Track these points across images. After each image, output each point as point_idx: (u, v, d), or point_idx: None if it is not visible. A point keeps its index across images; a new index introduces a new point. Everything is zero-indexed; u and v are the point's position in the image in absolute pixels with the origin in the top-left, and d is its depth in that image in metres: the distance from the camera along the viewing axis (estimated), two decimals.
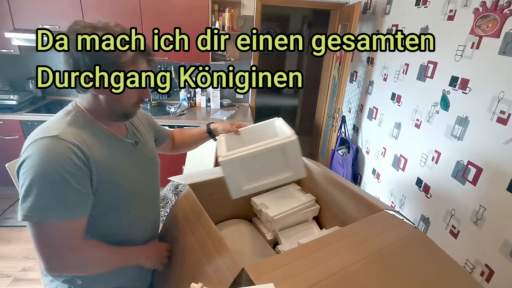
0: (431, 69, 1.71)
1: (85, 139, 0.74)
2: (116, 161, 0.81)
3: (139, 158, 0.90)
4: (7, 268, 1.98)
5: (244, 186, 0.90)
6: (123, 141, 0.86)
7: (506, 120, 1.23)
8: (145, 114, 1.06)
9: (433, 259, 0.83)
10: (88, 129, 0.77)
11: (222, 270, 0.75)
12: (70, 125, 0.74)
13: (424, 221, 1.74)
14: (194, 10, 2.52)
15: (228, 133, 1.12)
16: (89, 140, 0.75)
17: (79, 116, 0.78)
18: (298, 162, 0.96)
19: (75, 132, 0.73)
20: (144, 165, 0.92)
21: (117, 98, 0.77)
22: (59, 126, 0.73)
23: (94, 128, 0.79)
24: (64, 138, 0.70)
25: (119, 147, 0.84)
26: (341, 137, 2.70)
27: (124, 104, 0.80)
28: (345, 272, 0.74)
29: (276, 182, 0.96)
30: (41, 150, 0.67)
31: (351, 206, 1.15)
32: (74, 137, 0.72)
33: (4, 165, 1.57)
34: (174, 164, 2.36)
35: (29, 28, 2.41)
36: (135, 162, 0.87)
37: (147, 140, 0.97)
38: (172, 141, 1.22)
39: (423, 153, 1.77)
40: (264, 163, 0.89)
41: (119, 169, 0.81)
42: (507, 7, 1.22)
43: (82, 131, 0.75)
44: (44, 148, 0.67)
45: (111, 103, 0.78)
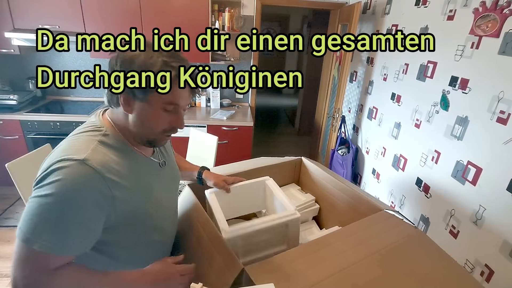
0: (431, 69, 1.71)
1: (115, 166, 0.69)
2: (146, 187, 0.76)
3: (166, 178, 0.86)
4: (7, 268, 1.98)
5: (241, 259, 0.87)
6: (151, 160, 0.81)
7: (506, 120, 1.23)
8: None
9: (433, 259, 0.83)
10: (120, 151, 0.72)
11: (223, 271, 0.75)
12: (100, 146, 0.69)
13: (424, 221, 1.74)
14: (194, 10, 2.52)
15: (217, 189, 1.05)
16: (119, 165, 0.70)
17: (110, 136, 0.72)
18: (296, 236, 0.97)
19: (104, 157, 0.67)
20: (169, 185, 0.88)
21: (147, 120, 0.71)
22: (87, 147, 0.67)
23: (127, 150, 0.74)
24: (92, 166, 0.64)
25: (148, 169, 0.79)
26: (341, 137, 2.70)
27: (152, 129, 0.73)
28: (345, 272, 0.74)
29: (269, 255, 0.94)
30: (64, 172, 0.62)
31: (351, 206, 1.15)
32: (103, 163, 0.66)
33: (4, 165, 1.58)
34: None
35: (29, 28, 2.41)
36: (161, 183, 0.83)
37: (171, 155, 0.93)
38: None
39: (423, 153, 1.77)
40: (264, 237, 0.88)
41: (149, 197, 0.76)
42: (507, 7, 1.22)
43: (113, 155, 0.70)
44: (68, 171, 0.62)
45: (139, 124, 0.72)
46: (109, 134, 0.72)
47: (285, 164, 1.38)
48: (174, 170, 0.93)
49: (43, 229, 0.61)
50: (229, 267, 0.74)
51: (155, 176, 0.81)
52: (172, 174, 0.91)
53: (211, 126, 2.68)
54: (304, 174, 1.41)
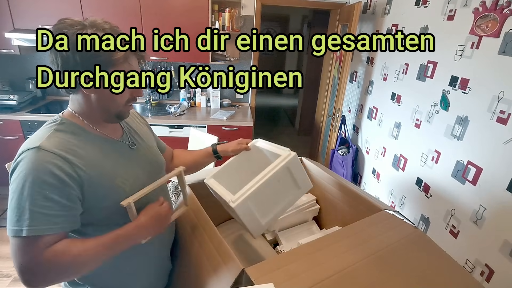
0: (431, 69, 1.71)
1: (72, 147, 0.71)
2: (113, 163, 0.78)
3: (138, 160, 0.87)
4: (7, 268, 1.99)
5: (262, 221, 0.86)
6: (120, 143, 0.84)
7: (506, 120, 1.23)
8: (143, 117, 1.03)
9: (434, 259, 0.83)
10: (78, 135, 0.75)
11: (223, 271, 0.75)
12: (55, 133, 0.72)
13: (424, 221, 1.74)
14: (194, 10, 2.52)
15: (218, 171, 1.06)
16: (78, 147, 0.73)
17: (66, 124, 0.75)
18: (303, 175, 0.94)
19: (59, 141, 0.71)
20: (145, 166, 0.88)
21: (109, 97, 0.75)
22: (42, 136, 0.70)
23: (86, 134, 0.77)
24: (47, 149, 0.67)
25: (115, 149, 0.82)
26: (341, 137, 2.70)
27: (117, 103, 0.77)
28: (346, 272, 0.74)
29: (288, 204, 0.94)
30: (23, 163, 0.66)
31: (351, 206, 1.15)
32: (58, 146, 0.69)
33: (4, 165, 1.58)
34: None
35: (29, 28, 2.42)
36: (134, 163, 0.85)
37: (147, 141, 0.95)
38: (171, 157, 1.12)
39: (423, 153, 1.77)
40: (273, 189, 0.86)
41: (118, 172, 0.78)
42: (507, 7, 1.22)
43: (70, 139, 0.73)
44: (26, 161, 0.66)
45: (103, 102, 0.76)
46: (65, 122, 0.75)
47: None
48: (151, 153, 0.94)
49: (23, 216, 0.64)
50: (229, 267, 0.74)
51: (125, 156, 0.83)
52: (148, 155, 0.92)
53: (211, 126, 2.68)
54: None
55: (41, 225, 0.65)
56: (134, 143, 0.88)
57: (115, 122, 0.84)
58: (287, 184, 0.92)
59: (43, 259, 0.65)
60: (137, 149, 0.88)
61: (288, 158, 0.88)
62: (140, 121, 1.00)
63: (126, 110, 0.82)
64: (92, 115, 0.78)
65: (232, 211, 0.82)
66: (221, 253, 0.79)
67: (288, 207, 0.95)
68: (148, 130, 1.01)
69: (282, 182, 0.89)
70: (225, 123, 2.69)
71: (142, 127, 0.98)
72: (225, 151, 1.11)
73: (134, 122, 0.95)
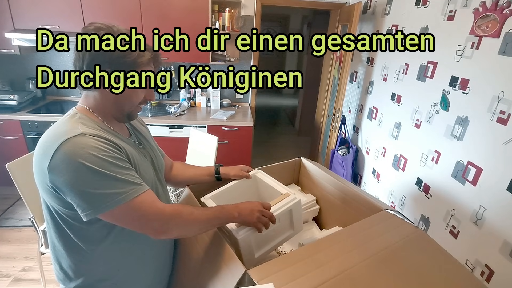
0: (431, 69, 1.71)
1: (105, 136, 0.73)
2: (132, 156, 0.79)
3: (147, 158, 0.89)
4: (7, 268, 1.98)
5: (256, 254, 0.90)
6: (131, 141, 0.86)
7: (506, 120, 1.23)
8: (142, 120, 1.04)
9: (435, 258, 0.83)
10: (98, 129, 0.75)
11: (225, 273, 0.75)
12: (85, 123, 0.73)
13: (424, 221, 1.74)
14: (194, 10, 2.52)
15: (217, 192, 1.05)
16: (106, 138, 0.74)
17: (85, 118, 0.75)
18: (300, 219, 0.99)
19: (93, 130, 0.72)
20: (153, 165, 0.91)
21: (128, 95, 0.77)
22: (74, 126, 0.70)
23: (103, 126, 0.78)
24: (91, 134, 0.69)
25: (130, 145, 0.83)
26: (341, 137, 2.70)
27: (132, 103, 0.80)
28: (348, 273, 0.74)
29: (280, 242, 0.98)
30: (79, 147, 0.66)
31: (351, 207, 1.15)
32: (96, 134, 0.71)
33: (4, 165, 1.57)
34: None
35: (29, 28, 2.41)
36: (144, 160, 0.87)
37: (150, 142, 0.97)
38: (170, 167, 1.10)
39: (423, 153, 1.77)
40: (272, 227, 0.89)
41: (138, 163, 0.80)
42: (507, 7, 1.22)
43: (96, 130, 0.73)
44: (80, 146, 0.66)
45: (121, 100, 0.78)
46: (85, 117, 0.76)
47: (284, 165, 1.38)
48: (154, 154, 0.95)
49: (118, 185, 0.69)
50: (231, 269, 0.74)
51: (139, 154, 0.85)
52: (153, 157, 0.93)
53: (211, 126, 2.67)
54: (304, 174, 1.41)
55: (133, 185, 0.71)
56: (141, 143, 0.91)
57: (124, 122, 0.86)
58: (285, 225, 0.97)
59: (167, 209, 0.74)
60: (144, 149, 0.91)
61: (293, 202, 0.93)
62: (141, 123, 1.02)
63: (137, 111, 0.85)
64: (105, 112, 0.79)
65: (234, 241, 0.85)
66: (223, 255, 0.79)
67: (279, 245, 1.00)
68: (148, 132, 1.03)
69: (281, 222, 0.94)
70: (225, 123, 2.69)
71: (143, 128, 1.00)
72: (226, 174, 1.10)
73: (136, 123, 0.97)
